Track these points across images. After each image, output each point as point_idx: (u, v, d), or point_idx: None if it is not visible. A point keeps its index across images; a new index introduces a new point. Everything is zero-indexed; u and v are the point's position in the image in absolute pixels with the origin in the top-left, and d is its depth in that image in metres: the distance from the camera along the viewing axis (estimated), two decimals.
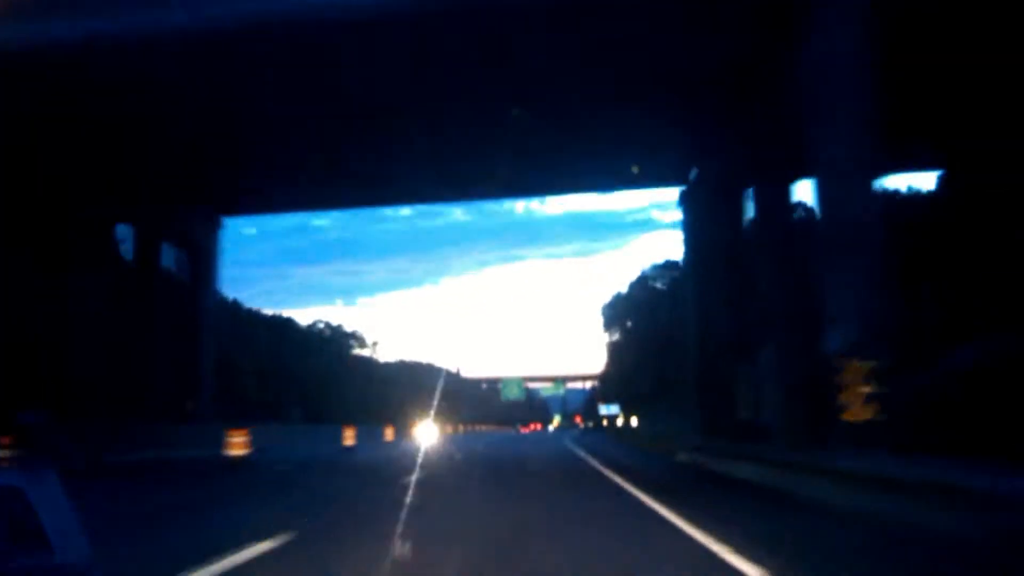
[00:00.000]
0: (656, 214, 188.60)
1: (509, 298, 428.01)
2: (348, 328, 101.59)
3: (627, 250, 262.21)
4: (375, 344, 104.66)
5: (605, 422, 66.44)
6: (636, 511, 9.76)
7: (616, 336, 74.37)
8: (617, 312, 72.48)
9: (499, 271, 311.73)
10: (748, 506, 10.43)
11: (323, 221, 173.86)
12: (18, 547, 2.34)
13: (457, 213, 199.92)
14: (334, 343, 79.88)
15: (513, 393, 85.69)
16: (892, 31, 14.51)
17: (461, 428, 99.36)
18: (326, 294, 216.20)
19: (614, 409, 62.38)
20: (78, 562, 2.43)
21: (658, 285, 69.17)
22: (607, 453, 25.29)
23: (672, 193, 33.08)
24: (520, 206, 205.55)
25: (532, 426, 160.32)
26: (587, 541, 7.44)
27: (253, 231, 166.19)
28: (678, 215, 30.46)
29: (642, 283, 69.81)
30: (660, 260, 68.33)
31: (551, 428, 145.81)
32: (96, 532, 2.84)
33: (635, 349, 65.04)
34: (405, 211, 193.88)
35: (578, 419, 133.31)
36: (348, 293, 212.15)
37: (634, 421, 56.77)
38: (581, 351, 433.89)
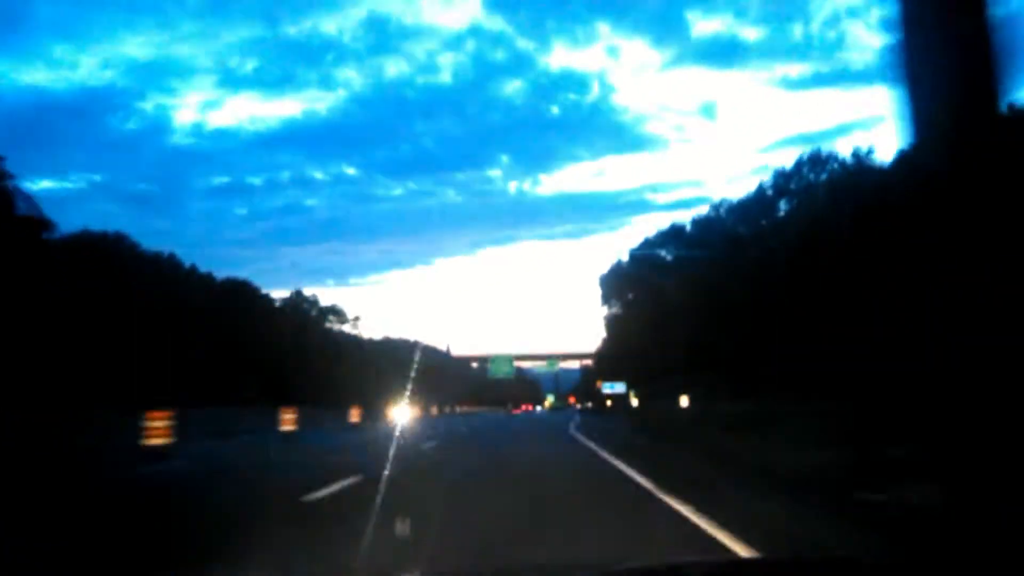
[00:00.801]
0: (649, 196, 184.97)
1: (501, 279, 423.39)
2: (332, 304, 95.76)
3: (622, 232, 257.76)
4: (356, 319, 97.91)
5: (609, 402, 59.16)
6: None
7: (616, 309, 67.70)
8: (617, 283, 65.74)
9: (492, 252, 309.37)
10: None
11: (314, 201, 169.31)
12: None
13: (450, 193, 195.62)
14: (307, 317, 72.73)
15: (502, 371, 78.47)
16: None
17: (447, 409, 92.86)
18: (317, 274, 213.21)
19: (619, 387, 55.37)
20: None
21: (663, 254, 62.44)
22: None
23: None
24: (513, 186, 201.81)
25: (523, 407, 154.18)
26: None
27: (244, 211, 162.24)
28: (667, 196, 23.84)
29: (646, 251, 63.05)
30: (665, 226, 61.56)
31: (539, 409, 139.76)
32: None
33: (638, 322, 58.36)
34: (397, 191, 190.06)
35: (572, 399, 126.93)
36: (339, 274, 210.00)
37: (635, 402, 50.16)
38: (574, 332, 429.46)
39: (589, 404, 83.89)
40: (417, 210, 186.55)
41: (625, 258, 66.23)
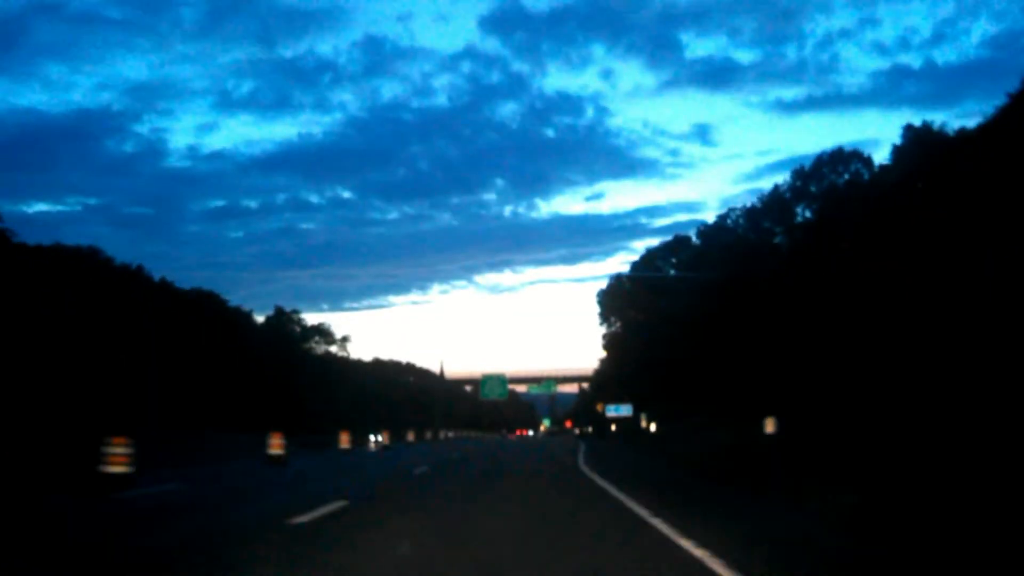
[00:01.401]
0: (644, 219, 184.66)
1: (497, 303, 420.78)
2: (319, 324, 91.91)
3: (617, 257, 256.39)
4: (344, 340, 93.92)
5: (613, 427, 54.73)
6: None
7: (615, 327, 64.18)
8: (617, 300, 62.29)
9: (487, 276, 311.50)
10: None
11: (310, 224, 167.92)
12: None
13: (445, 217, 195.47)
14: (289, 336, 68.84)
15: (495, 392, 73.38)
16: None
17: (433, 435, 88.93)
18: (312, 298, 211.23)
19: (624, 410, 51.14)
20: None
21: (666, 267, 59.06)
22: None
23: None
24: (508, 210, 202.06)
25: (518, 432, 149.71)
26: None
27: (240, 234, 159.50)
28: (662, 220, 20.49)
29: (648, 264, 59.71)
30: (668, 237, 58.31)
31: (531, 434, 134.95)
32: None
33: (641, 340, 54.82)
34: (392, 214, 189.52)
35: (569, 423, 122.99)
36: (334, 298, 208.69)
37: (649, 426, 46.00)
38: (570, 356, 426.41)
39: (589, 429, 79.14)
40: (412, 234, 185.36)
41: (626, 271, 62.91)
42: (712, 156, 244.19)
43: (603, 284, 66.62)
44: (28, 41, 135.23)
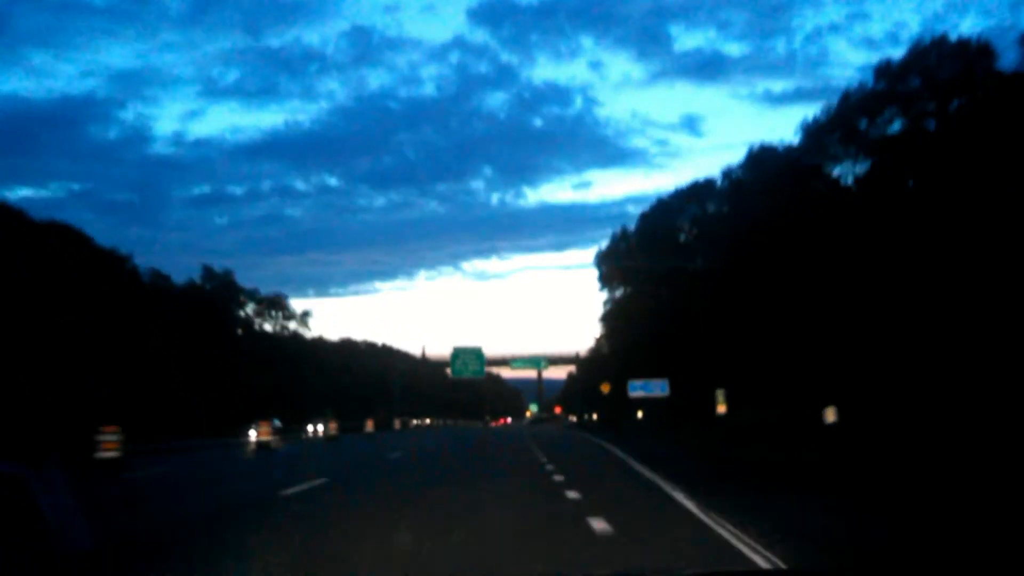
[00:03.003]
0: (632, 209, 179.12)
1: (484, 290, 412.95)
2: (273, 294, 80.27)
3: (604, 244, 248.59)
4: (305, 316, 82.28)
5: (640, 413, 41.85)
6: None
7: (619, 292, 53.25)
8: (621, 259, 51.23)
9: (474, 264, 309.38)
10: None
11: (296, 211, 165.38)
12: (18, 535, 2.25)
13: (432, 205, 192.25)
14: (217, 308, 56.97)
15: (468, 369, 60.11)
16: None
17: (415, 423, 77.98)
18: (298, 284, 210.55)
19: (657, 386, 35.44)
20: (79, 549, 2.53)
21: (683, 219, 48.15)
22: None
23: None
24: (495, 198, 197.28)
25: (501, 420, 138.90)
26: None
27: (225, 221, 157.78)
28: None
29: (661, 214, 48.72)
30: (685, 182, 47.17)
31: (511, 421, 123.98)
32: None
33: (652, 305, 44.00)
34: (379, 202, 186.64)
35: (559, 409, 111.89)
36: (320, 284, 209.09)
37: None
38: (559, 342, 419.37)
39: (591, 416, 66.56)
40: (399, 221, 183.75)
41: (632, 227, 51.91)
42: (700, 146, 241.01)
43: (589, 274, 55.50)
44: (12, 28, 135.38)
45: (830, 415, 19.79)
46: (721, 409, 26.53)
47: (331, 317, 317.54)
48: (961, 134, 25.56)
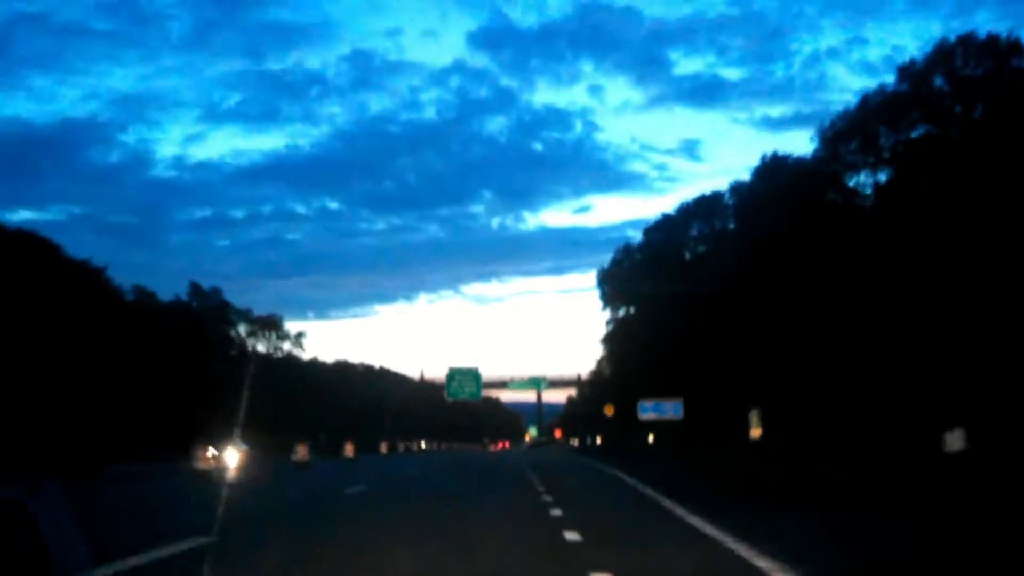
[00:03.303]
0: (631, 233, 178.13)
1: (484, 314, 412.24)
2: (269, 315, 78.15)
3: (607, 263, 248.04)
4: (299, 336, 79.99)
5: (651, 437, 38.88)
6: None
7: (622, 312, 51.20)
8: (624, 277, 49.32)
9: (474, 288, 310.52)
10: None
11: (296, 234, 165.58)
12: (18, 559, 2.24)
13: (432, 229, 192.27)
14: (203, 325, 54.83)
15: (464, 390, 57.91)
16: None
17: (403, 447, 75.54)
18: (299, 307, 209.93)
19: (670, 408, 33.10)
20: (79, 570, 2.41)
21: (691, 233, 46.31)
22: None
23: None
24: (495, 222, 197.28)
25: (500, 444, 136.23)
26: None
27: (227, 243, 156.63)
28: None
29: (666, 231, 46.86)
30: (692, 195, 45.38)
31: (504, 447, 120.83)
32: None
33: (659, 324, 42.00)
34: (379, 225, 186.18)
35: (559, 433, 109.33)
36: (320, 307, 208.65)
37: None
38: (559, 365, 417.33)
39: (589, 440, 64.15)
40: (399, 245, 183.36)
41: (635, 244, 50.03)
42: (700, 171, 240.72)
43: (587, 298, 53.58)
44: (13, 51, 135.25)
45: (954, 441, 15.12)
46: (755, 433, 24.14)
47: (330, 340, 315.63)
48: (990, 135, 23.75)
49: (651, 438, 36.55)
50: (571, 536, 8.87)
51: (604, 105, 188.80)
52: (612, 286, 51.19)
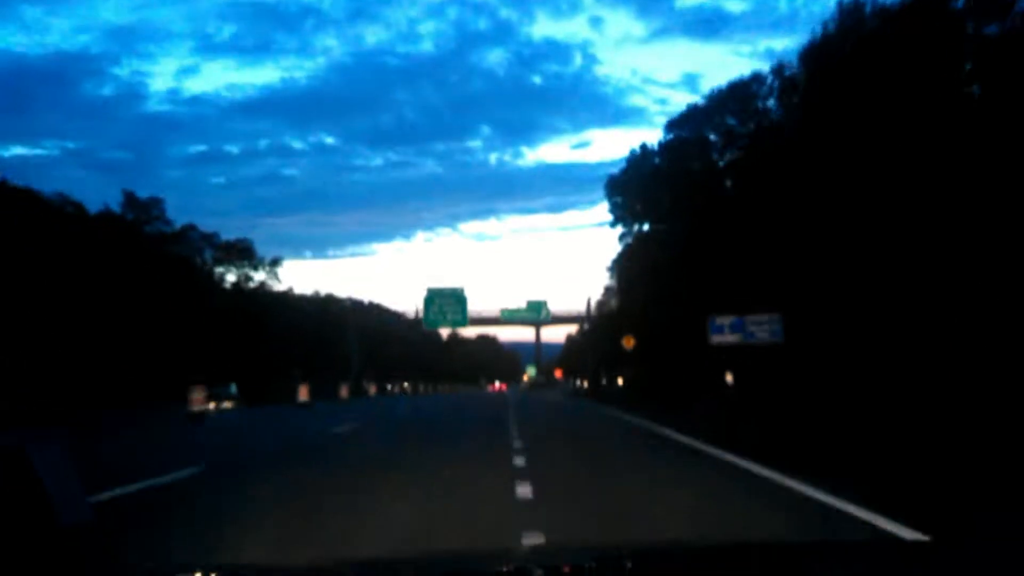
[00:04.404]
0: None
1: (482, 251, 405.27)
2: (238, 239, 70.36)
3: (604, 205, 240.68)
4: (274, 264, 72.05)
5: (730, 377, 23.58)
6: None
7: (638, 227, 43.38)
8: (640, 185, 41.34)
9: (472, 225, 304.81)
10: None
11: (293, 171, 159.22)
12: (16, 508, 2.26)
13: (429, 164, 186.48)
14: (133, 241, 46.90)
15: (447, 317, 46.98)
16: None
17: (374, 389, 68.54)
18: (295, 246, 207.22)
19: (764, 328, 20.98)
20: (81, 521, 2.41)
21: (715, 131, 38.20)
22: None
23: None
24: (493, 157, 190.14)
25: (497, 385, 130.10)
26: None
27: (222, 180, 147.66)
28: None
29: (691, 122, 38.72)
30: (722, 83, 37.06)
31: (493, 386, 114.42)
32: None
33: (692, 240, 34.27)
34: (376, 161, 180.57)
35: (559, 373, 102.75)
36: (318, 245, 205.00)
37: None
38: (559, 301, 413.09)
39: (605, 381, 52.51)
40: (397, 181, 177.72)
41: (654, 140, 41.88)
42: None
43: (588, 235, 45.08)
44: None
45: None
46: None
47: (329, 278, 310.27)
48: None
49: (729, 378, 24.29)
50: None
51: (604, 38, 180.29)
52: (623, 197, 43.23)
